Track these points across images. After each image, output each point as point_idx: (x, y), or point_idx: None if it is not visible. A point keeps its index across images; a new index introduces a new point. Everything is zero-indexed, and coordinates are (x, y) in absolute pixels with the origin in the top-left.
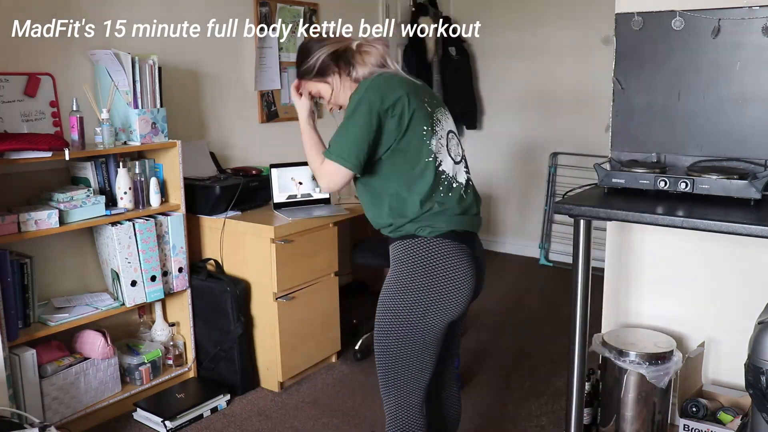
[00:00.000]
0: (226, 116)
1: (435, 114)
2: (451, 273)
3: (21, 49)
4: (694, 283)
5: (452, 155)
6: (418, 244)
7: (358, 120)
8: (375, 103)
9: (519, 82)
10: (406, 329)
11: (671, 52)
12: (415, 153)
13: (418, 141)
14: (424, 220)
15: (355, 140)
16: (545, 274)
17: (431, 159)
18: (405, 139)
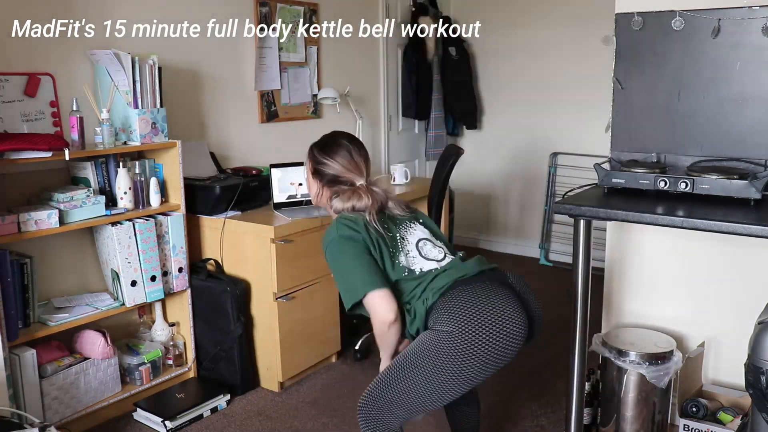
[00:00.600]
0: (226, 116)
1: (399, 232)
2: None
3: (21, 49)
4: (694, 283)
5: (431, 257)
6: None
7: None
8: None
9: (519, 82)
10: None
11: (671, 52)
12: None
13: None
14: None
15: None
16: (545, 274)
17: (406, 273)
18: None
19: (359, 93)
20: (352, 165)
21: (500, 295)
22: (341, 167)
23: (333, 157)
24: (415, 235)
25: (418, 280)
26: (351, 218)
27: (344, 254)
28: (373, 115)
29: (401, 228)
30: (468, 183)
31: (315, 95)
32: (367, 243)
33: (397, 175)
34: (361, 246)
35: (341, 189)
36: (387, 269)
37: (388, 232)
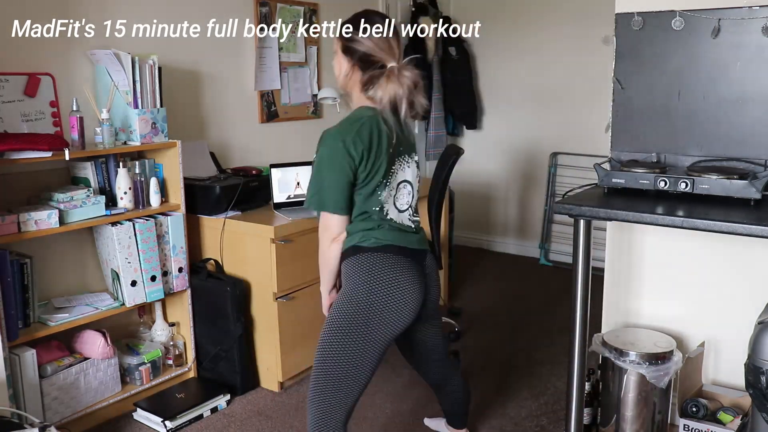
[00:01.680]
0: (226, 116)
1: (396, 163)
2: (392, 287)
3: (21, 49)
4: (694, 283)
5: (397, 205)
6: (361, 258)
7: (336, 169)
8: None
9: (519, 82)
10: (345, 339)
11: (671, 52)
12: (366, 198)
13: (371, 191)
14: (364, 232)
15: (337, 188)
16: (545, 274)
17: (378, 208)
18: (363, 188)
19: None
20: (386, 45)
21: (411, 274)
22: (374, 45)
23: (364, 34)
24: (405, 173)
25: (376, 221)
26: (367, 126)
27: (332, 166)
28: None
29: (399, 159)
30: (468, 183)
31: (315, 95)
32: (362, 159)
33: None
34: (352, 165)
35: (375, 75)
36: (363, 190)
37: (391, 157)
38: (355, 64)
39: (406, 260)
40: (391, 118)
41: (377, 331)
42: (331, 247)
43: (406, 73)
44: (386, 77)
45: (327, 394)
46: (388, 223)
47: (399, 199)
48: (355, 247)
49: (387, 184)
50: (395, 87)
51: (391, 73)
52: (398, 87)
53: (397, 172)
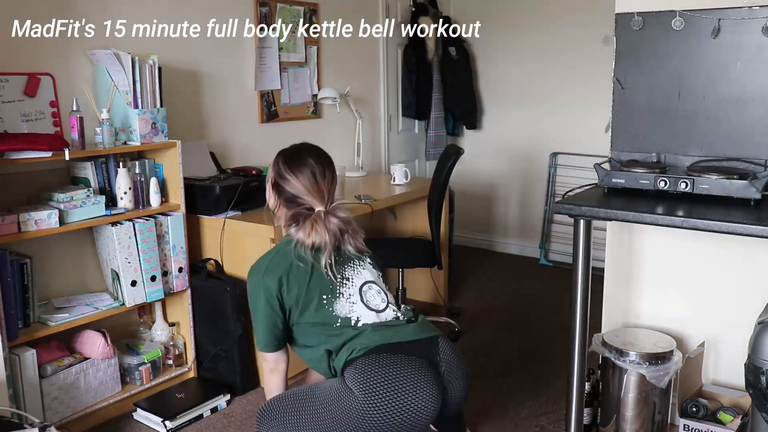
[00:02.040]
0: (226, 116)
1: (345, 272)
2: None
3: (21, 49)
4: (694, 283)
5: (372, 307)
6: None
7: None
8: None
9: (519, 82)
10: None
11: (671, 52)
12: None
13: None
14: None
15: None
16: (545, 274)
17: (339, 323)
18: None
19: (359, 93)
20: (315, 188)
21: (418, 375)
22: (303, 188)
23: (296, 175)
24: (361, 276)
25: (352, 331)
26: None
27: (256, 303)
28: (373, 115)
29: (348, 267)
30: (468, 183)
31: (315, 95)
32: (285, 296)
33: (397, 175)
34: (273, 301)
35: (300, 214)
36: (305, 314)
37: (328, 272)
38: (282, 201)
39: (406, 357)
40: None
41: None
42: (270, 377)
43: (333, 219)
44: (312, 221)
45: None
46: (369, 327)
47: (371, 301)
48: (347, 361)
49: (338, 297)
50: (321, 234)
51: (318, 218)
52: (324, 233)
53: (351, 279)
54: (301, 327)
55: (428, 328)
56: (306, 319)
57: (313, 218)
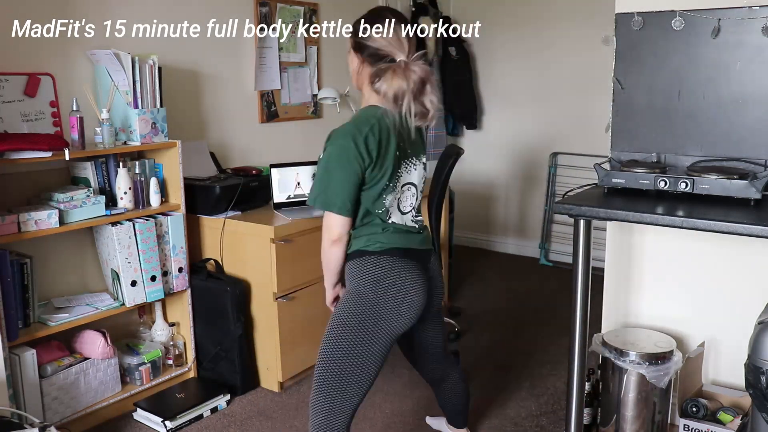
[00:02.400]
0: (226, 116)
1: (401, 166)
2: (397, 288)
3: (21, 49)
4: (694, 283)
5: (401, 207)
6: (367, 261)
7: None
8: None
9: (519, 82)
10: (350, 338)
11: (671, 52)
12: (372, 201)
13: (378, 193)
14: (368, 236)
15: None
16: (545, 274)
17: (381, 211)
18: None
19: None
20: (395, 40)
21: (416, 278)
22: (383, 40)
23: (374, 30)
24: (410, 175)
25: (379, 224)
26: (377, 127)
27: (341, 165)
28: None
29: (405, 161)
30: (468, 183)
31: (315, 95)
32: (372, 160)
33: None
34: (359, 167)
35: (381, 68)
36: (370, 191)
37: (397, 160)
38: (365, 59)
39: (410, 263)
40: (398, 119)
41: (381, 331)
42: (332, 249)
43: (414, 68)
44: (392, 71)
45: (330, 394)
46: (392, 226)
47: (402, 202)
48: (360, 251)
49: (393, 188)
50: (400, 81)
51: (398, 67)
52: (403, 81)
53: (402, 175)
54: None
55: (429, 241)
56: (368, 194)
57: (393, 68)
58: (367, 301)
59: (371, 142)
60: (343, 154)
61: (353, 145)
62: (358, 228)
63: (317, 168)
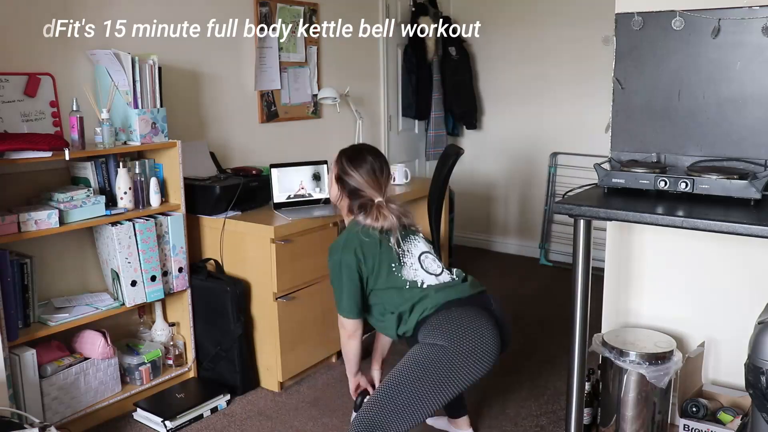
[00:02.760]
0: (226, 116)
1: (405, 245)
2: (469, 334)
3: (21, 49)
4: (694, 283)
5: (431, 271)
6: (431, 322)
7: (343, 278)
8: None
9: (519, 82)
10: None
11: (671, 52)
12: (390, 285)
13: (387, 277)
14: (416, 307)
15: (347, 294)
16: (545, 274)
17: (408, 285)
18: (378, 280)
19: (359, 93)
20: (374, 182)
21: (483, 319)
22: (363, 182)
23: (358, 171)
24: (418, 248)
25: (421, 291)
26: (359, 239)
27: (340, 276)
28: (373, 115)
29: (406, 241)
30: (468, 183)
31: (315, 95)
32: (362, 266)
33: (397, 175)
34: (354, 274)
35: (364, 203)
36: (379, 281)
37: (393, 245)
38: (345, 193)
39: (471, 308)
40: None
41: (456, 378)
42: (349, 342)
43: (393, 206)
44: (377, 209)
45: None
46: (432, 289)
47: (429, 267)
48: (419, 321)
49: (403, 265)
50: (389, 219)
51: (381, 206)
52: (391, 217)
53: (410, 251)
54: (376, 293)
55: (478, 285)
56: (379, 285)
57: (377, 206)
58: (440, 349)
59: (354, 252)
60: (336, 267)
61: (339, 259)
62: (403, 304)
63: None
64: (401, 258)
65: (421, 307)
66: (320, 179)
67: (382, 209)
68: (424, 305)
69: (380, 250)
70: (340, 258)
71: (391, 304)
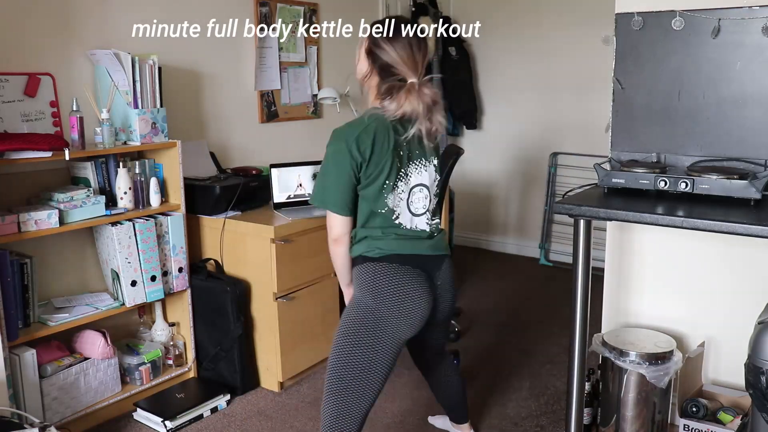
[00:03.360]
0: (226, 116)
1: (410, 166)
2: (397, 296)
3: (21, 49)
4: (694, 283)
5: (412, 209)
6: (366, 268)
7: (338, 168)
8: (349, 152)
9: (519, 82)
10: (355, 343)
11: (671, 52)
12: (371, 201)
13: (376, 193)
14: (369, 241)
15: (339, 186)
16: (545, 274)
17: (383, 211)
18: (366, 188)
19: (359, 93)
20: (410, 60)
21: (417, 286)
22: (398, 57)
23: (393, 45)
24: (420, 176)
25: (381, 228)
26: (373, 127)
27: (336, 164)
28: None
29: (414, 162)
30: (468, 183)
31: (315, 95)
32: (363, 161)
33: None
34: (354, 165)
35: (393, 86)
36: (367, 191)
37: (398, 161)
38: (375, 69)
39: (411, 270)
40: (400, 126)
41: (384, 337)
42: (334, 248)
43: (426, 91)
44: (406, 92)
45: (338, 398)
46: (395, 230)
47: (414, 203)
48: (362, 256)
49: (395, 188)
50: (413, 104)
51: (412, 88)
52: (417, 103)
53: (410, 176)
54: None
55: (441, 247)
56: (366, 193)
57: (407, 88)
58: (367, 308)
59: (363, 141)
60: (336, 154)
61: (345, 146)
62: (361, 229)
63: (321, 167)
64: (397, 180)
65: (372, 245)
66: None
67: (412, 92)
68: (374, 245)
69: (389, 154)
70: (344, 145)
71: (359, 217)
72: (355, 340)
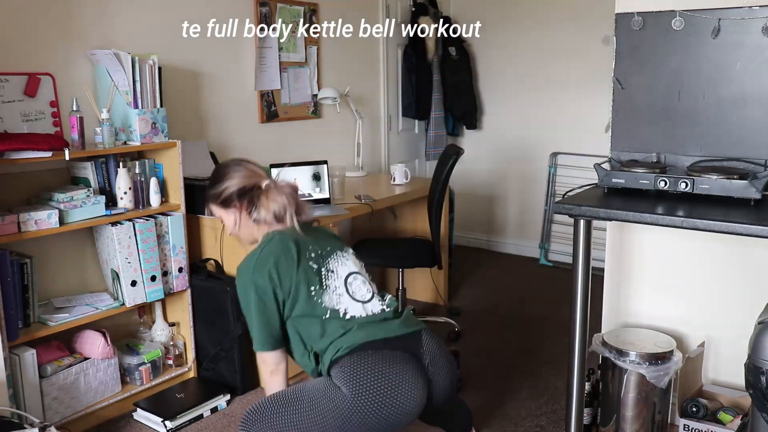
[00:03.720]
0: (226, 116)
1: (329, 264)
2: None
3: (21, 49)
4: (694, 283)
5: (358, 298)
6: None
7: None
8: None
9: (519, 82)
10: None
11: (671, 52)
12: (308, 313)
13: (306, 303)
14: (333, 345)
15: (259, 324)
16: (545, 274)
17: (328, 315)
18: (296, 306)
19: (359, 93)
20: (250, 172)
21: (403, 369)
22: (242, 178)
23: (230, 177)
24: (345, 267)
25: (341, 326)
26: (274, 256)
27: (249, 303)
28: (373, 115)
29: (331, 259)
30: (468, 183)
31: (315, 95)
32: (277, 290)
33: (397, 175)
34: (267, 297)
35: (253, 196)
36: (296, 307)
37: (313, 264)
38: (240, 204)
39: (391, 353)
40: (294, 232)
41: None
42: (272, 379)
43: (282, 185)
44: (264, 194)
45: None
46: (355, 323)
47: (356, 292)
48: (332, 361)
49: (325, 287)
50: (276, 201)
51: (269, 188)
52: (280, 198)
53: (336, 271)
54: (292, 322)
55: (412, 322)
56: (296, 312)
57: (264, 190)
58: (344, 400)
59: (265, 265)
60: (246, 293)
61: (249, 279)
62: (320, 341)
63: None
64: (323, 279)
65: (336, 345)
66: (320, 179)
67: (270, 190)
68: (339, 344)
69: (298, 269)
70: (251, 280)
71: (309, 338)
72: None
